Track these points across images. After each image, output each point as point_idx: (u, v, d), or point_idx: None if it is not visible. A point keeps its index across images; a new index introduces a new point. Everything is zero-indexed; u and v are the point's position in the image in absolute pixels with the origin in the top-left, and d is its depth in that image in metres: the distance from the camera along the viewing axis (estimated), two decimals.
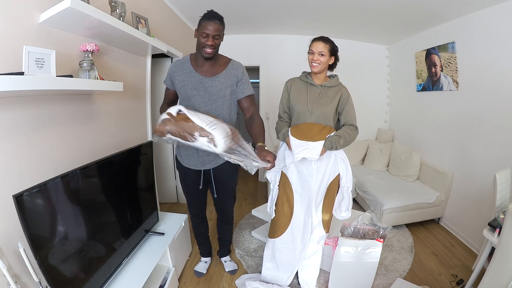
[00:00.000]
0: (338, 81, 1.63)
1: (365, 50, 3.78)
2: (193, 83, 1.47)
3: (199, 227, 1.91)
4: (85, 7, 1.14)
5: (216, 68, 1.49)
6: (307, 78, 1.63)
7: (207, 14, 1.37)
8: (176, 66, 1.52)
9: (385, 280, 1.89)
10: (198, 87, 1.47)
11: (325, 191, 1.62)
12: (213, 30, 1.34)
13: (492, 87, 2.17)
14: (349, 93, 1.60)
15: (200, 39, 1.38)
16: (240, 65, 1.52)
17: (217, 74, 1.47)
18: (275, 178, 1.71)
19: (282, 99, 1.71)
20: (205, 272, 1.98)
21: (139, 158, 1.73)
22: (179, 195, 3.19)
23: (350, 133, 1.54)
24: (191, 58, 1.51)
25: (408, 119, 3.44)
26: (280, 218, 1.70)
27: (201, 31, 1.36)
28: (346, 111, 1.58)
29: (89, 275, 1.20)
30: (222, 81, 1.47)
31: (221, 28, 1.37)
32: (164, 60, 2.85)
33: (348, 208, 1.66)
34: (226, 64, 1.50)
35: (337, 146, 1.50)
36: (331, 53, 1.55)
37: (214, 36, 1.36)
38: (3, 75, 0.85)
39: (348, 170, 1.62)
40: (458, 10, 2.32)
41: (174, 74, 1.52)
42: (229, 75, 1.48)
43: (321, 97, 1.57)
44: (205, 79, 1.47)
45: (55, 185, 1.05)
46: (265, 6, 2.63)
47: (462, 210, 2.47)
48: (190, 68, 1.49)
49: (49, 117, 1.21)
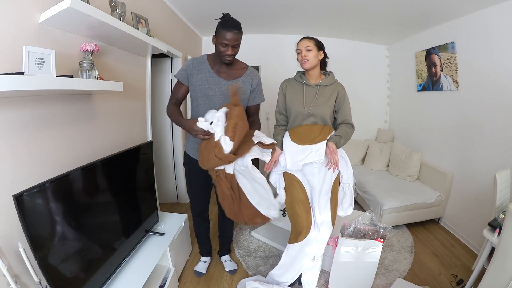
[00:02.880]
0: (333, 78, 1.61)
1: (365, 50, 3.77)
2: (210, 83, 1.50)
3: (200, 226, 1.92)
4: (85, 7, 1.14)
5: (234, 72, 1.54)
6: (302, 78, 1.60)
7: (226, 22, 1.38)
8: (193, 63, 1.53)
9: (385, 280, 1.89)
10: (215, 88, 1.51)
11: (330, 190, 1.59)
12: (233, 40, 1.37)
13: (492, 87, 2.17)
14: (345, 91, 1.58)
15: (219, 47, 1.41)
16: (256, 74, 1.61)
17: (235, 79, 1.53)
18: (279, 183, 1.67)
19: (278, 101, 1.68)
20: (204, 272, 1.99)
21: (139, 158, 1.73)
22: (179, 195, 3.19)
23: (348, 132, 1.54)
24: (209, 58, 1.54)
25: (408, 119, 3.44)
26: (299, 220, 1.59)
27: (220, 40, 1.38)
28: (342, 110, 1.57)
29: (89, 275, 1.20)
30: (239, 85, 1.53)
31: (239, 36, 1.40)
32: (164, 60, 2.85)
33: (351, 204, 1.65)
34: (244, 70, 1.57)
35: (338, 145, 1.51)
36: (318, 47, 1.52)
37: (234, 46, 1.40)
38: (3, 75, 0.85)
39: (348, 167, 1.61)
40: (458, 10, 2.32)
41: (192, 71, 1.51)
42: (246, 83, 1.56)
43: (318, 97, 1.55)
44: (222, 81, 1.51)
45: (55, 185, 1.05)
46: (265, 6, 2.63)
47: (462, 210, 2.47)
48: (208, 68, 1.51)
49: (49, 117, 1.21)
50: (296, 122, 1.60)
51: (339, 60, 3.79)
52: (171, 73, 2.88)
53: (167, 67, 2.88)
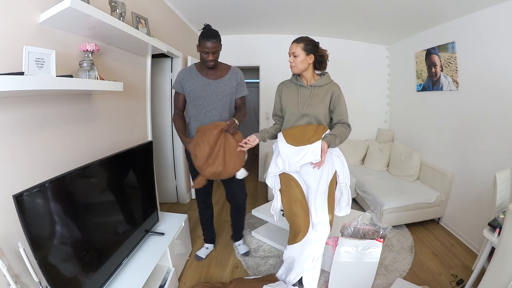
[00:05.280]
0: (328, 78, 1.59)
1: (365, 50, 3.78)
2: (201, 85, 1.74)
3: (204, 212, 2.11)
4: (85, 7, 1.14)
5: (219, 72, 1.78)
6: (297, 79, 1.61)
7: (204, 33, 1.63)
8: (184, 73, 1.79)
9: (385, 280, 1.89)
10: (206, 89, 1.74)
11: (326, 190, 1.59)
12: (212, 48, 1.63)
13: (492, 87, 2.17)
14: (340, 90, 1.56)
15: (202, 55, 1.67)
16: (239, 71, 1.86)
17: (221, 78, 1.77)
18: (274, 184, 1.69)
19: (275, 103, 1.70)
20: (204, 257, 2.13)
21: (139, 158, 1.73)
22: (179, 195, 3.19)
23: (344, 131, 1.52)
24: (197, 66, 1.79)
25: (408, 119, 3.44)
26: (297, 219, 1.60)
27: (201, 49, 1.65)
28: (338, 110, 1.55)
29: (89, 275, 1.20)
30: (226, 82, 1.77)
31: (218, 44, 1.65)
32: (164, 60, 2.85)
33: (348, 203, 1.64)
34: (228, 70, 1.81)
35: (333, 145, 1.49)
36: (306, 51, 1.50)
37: (213, 52, 1.65)
38: (3, 75, 0.85)
39: (344, 166, 1.60)
40: (458, 10, 2.32)
41: (183, 80, 1.77)
42: (231, 79, 1.80)
43: (312, 97, 1.55)
44: (211, 82, 1.75)
45: (55, 185, 1.05)
46: (265, 6, 2.63)
47: (462, 210, 2.47)
48: (197, 74, 1.77)
49: (49, 117, 1.21)
50: (290, 123, 1.60)
51: (339, 60, 3.79)
52: (171, 73, 2.88)
53: (167, 67, 2.88)
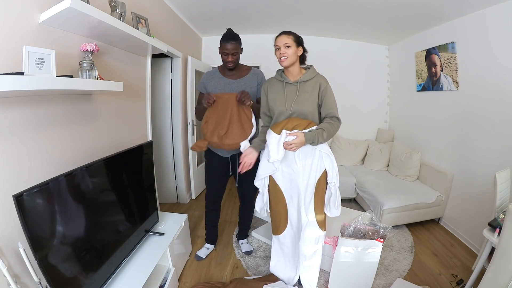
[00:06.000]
0: (314, 72, 1.55)
1: (365, 50, 3.78)
2: (222, 85, 1.83)
3: (210, 214, 2.13)
4: (85, 7, 1.14)
5: (239, 73, 1.86)
6: (282, 76, 1.57)
7: (225, 35, 1.72)
8: (207, 75, 1.90)
9: (385, 280, 1.89)
10: (227, 88, 1.82)
11: (313, 189, 1.58)
12: (231, 49, 1.71)
13: (492, 87, 2.17)
14: (327, 83, 1.51)
15: (222, 56, 1.76)
16: (260, 72, 1.92)
17: (241, 77, 1.86)
18: (263, 184, 1.72)
19: (261, 103, 1.67)
20: (204, 257, 2.13)
21: (139, 158, 1.73)
22: (179, 195, 3.19)
23: (333, 125, 1.48)
24: (219, 68, 1.89)
25: (408, 119, 3.44)
26: (278, 216, 1.72)
27: (222, 50, 1.74)
28: (326, 102, 1.50)
29: (89, 275, 1.20)
30: (246, 82, 1.85)
31: (237, 46, 1.73)
32: (164, 60, 2.85)
33: (336, 205, 1.61)
34: (249, 70, 1.89)
35: (320, 139, 1.44)
36: (297, 43, 1.49)
37: (233, 54, 1.73)
38: (3, 75, 0.85)
39: (333, 166, 1.56)
40: (458, 10, 2.32)
41: (206, 81, 1.87)
42: (252, 79, 1.87)
43: (299, 94, 1.51)
44: (232, 81, 1.84)
45: (55, 185, 1.05)
46: (265, 6, 2.63)
47: (462, 210, 2.47)
48: (219, 75, 1.87)
49: (49, 117, 1.21)
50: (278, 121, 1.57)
51: (339, 60, 3.81)
52: (171, 73, 2.89)
53: (167, 67, 2.88)
